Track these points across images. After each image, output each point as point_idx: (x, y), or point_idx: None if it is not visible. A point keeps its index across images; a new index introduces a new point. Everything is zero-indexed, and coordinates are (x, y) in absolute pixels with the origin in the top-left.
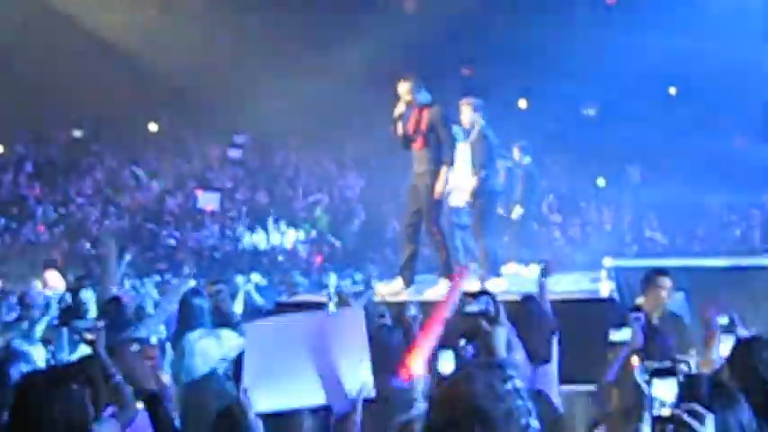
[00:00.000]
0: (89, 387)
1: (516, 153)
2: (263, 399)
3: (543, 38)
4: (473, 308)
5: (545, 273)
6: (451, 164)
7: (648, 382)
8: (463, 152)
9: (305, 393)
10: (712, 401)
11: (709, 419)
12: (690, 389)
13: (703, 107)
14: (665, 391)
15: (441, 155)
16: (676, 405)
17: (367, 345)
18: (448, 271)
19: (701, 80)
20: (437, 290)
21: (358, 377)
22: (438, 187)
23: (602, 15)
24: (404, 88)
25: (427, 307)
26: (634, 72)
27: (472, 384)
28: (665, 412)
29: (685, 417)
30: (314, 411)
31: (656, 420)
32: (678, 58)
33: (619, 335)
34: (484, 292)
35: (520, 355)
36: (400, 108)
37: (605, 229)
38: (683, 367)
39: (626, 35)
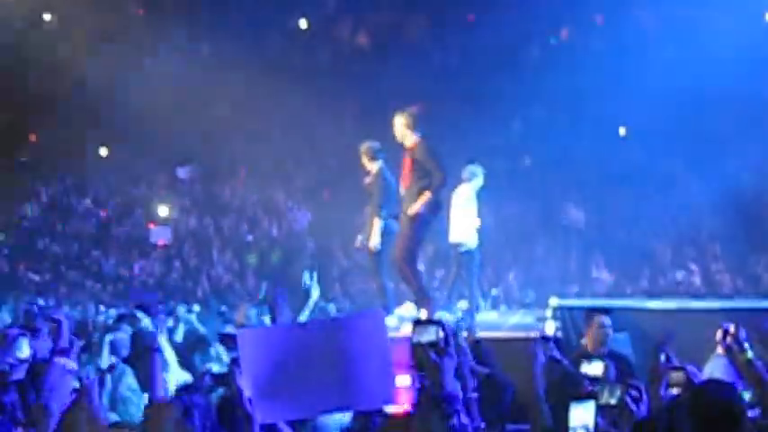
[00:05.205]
0: None
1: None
2: (272, 409)
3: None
4: (422, 338)
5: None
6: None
7: (567, 410)
8: None
9: (317, 402)
10: None
11: None
12: None
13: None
14: (582, 414)
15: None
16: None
17: (389, 351)
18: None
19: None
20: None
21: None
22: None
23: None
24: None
25: None
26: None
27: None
28: None
29: None
30: None
31: None
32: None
33: (591, 368)
34: (434, 322)
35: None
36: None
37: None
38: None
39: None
